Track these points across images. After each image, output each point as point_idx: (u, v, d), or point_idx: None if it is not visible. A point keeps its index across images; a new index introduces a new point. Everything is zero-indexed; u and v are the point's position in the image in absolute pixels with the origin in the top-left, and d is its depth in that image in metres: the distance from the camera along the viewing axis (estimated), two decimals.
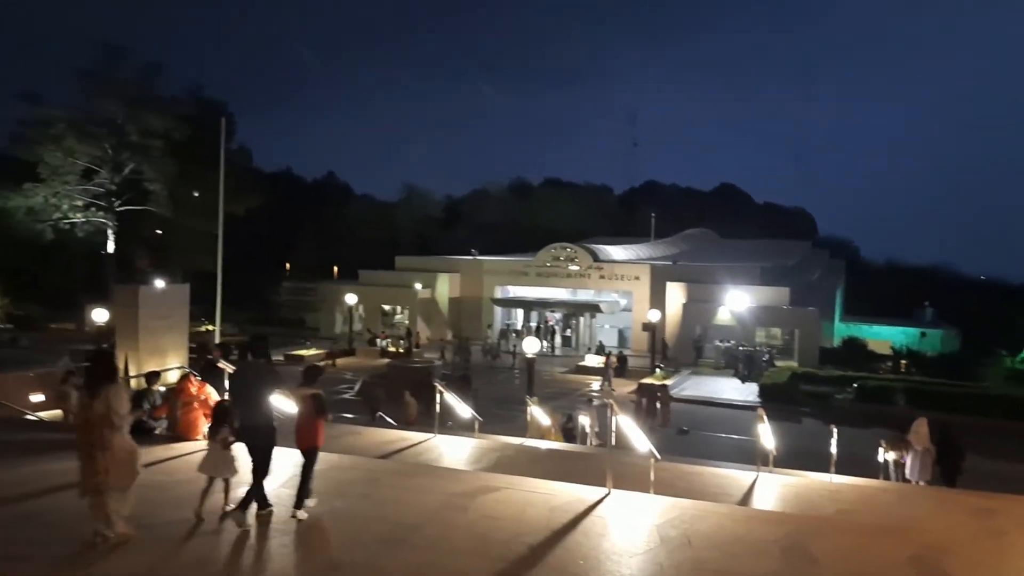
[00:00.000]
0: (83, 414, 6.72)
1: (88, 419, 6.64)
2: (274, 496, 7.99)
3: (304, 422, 7.82)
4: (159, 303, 26.34)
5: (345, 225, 71.02)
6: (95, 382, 6.70)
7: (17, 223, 42.85)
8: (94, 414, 6.59)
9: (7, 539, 6.89)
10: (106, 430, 6.57)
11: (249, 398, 7.59)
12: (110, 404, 6.59)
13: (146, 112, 43.76)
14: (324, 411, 7.88)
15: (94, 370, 6.85)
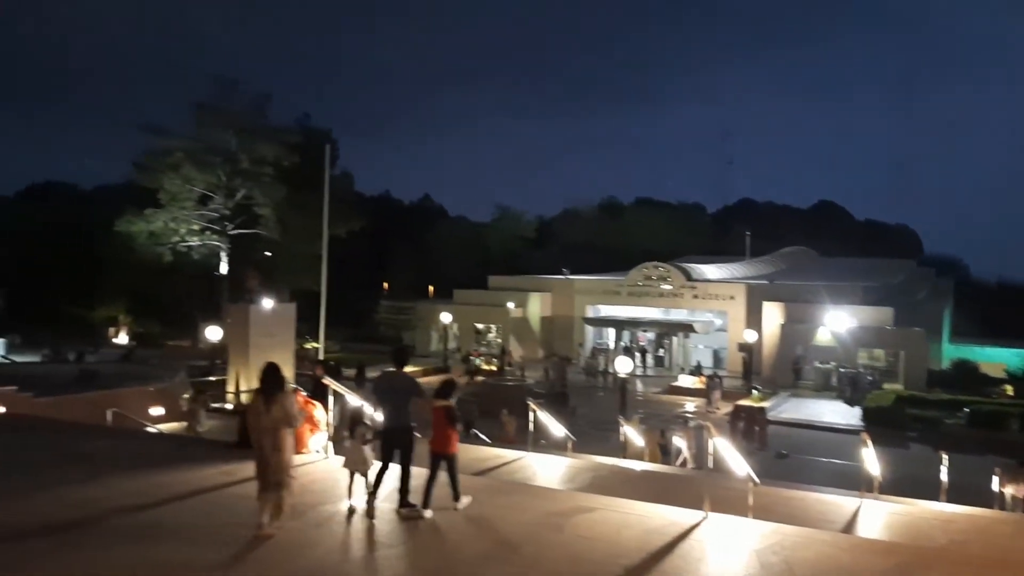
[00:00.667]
0: (259, 419, 7.57)
1: (264, 424, 7.51)
2: (377, 511, 8.40)
3: (438, 431, 8.62)
4: (268, 322, 27.61)
5: (440, 245, 72.59)
6: (270, 391, 7.62)
7: (140, 246, 45.86)
8: (270, 419, 7.52)
9: (148, 544, 7.47)
10: (281, 433, 7.55)
11: (392, 403, 8.53)
12: (285, 410, 7.57)
13: (257, 141, 46.16)
14: (455, 422, 8.75)
15: (268, 381, 7.74)
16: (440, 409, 8.65)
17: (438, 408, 8.66)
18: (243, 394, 25.49)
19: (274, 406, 7.54)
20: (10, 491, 8.98)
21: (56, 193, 78.98)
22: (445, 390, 8.87)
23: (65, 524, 7.71)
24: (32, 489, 9.11)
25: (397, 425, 8.49)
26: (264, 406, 7.58)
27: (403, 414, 8.51)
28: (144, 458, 11.45)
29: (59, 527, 7.60)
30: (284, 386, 7.80)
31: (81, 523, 7.78)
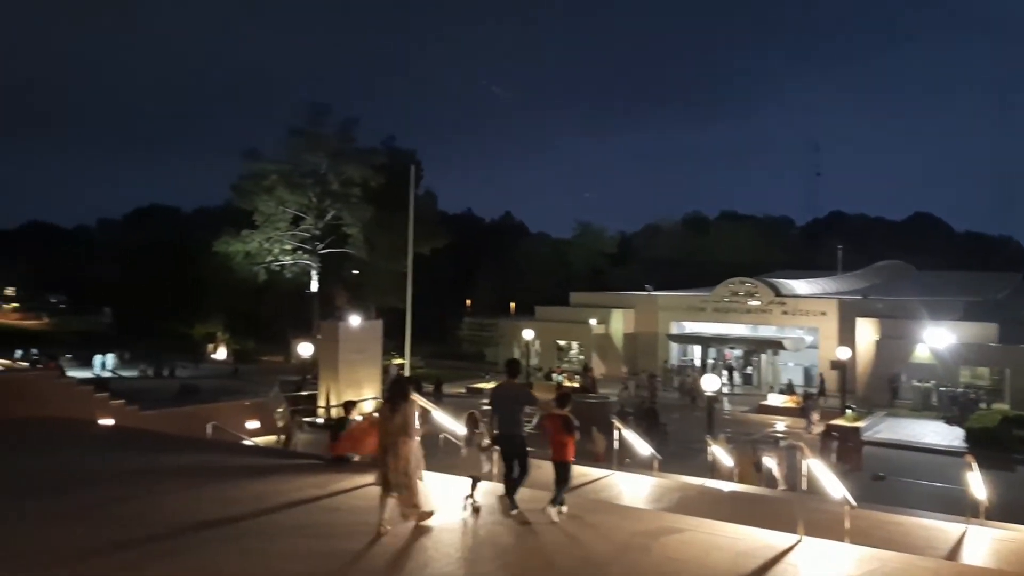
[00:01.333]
0: (384, 425, 8.33)
1: (388, 430, 8.26)
2: (459, 525, 8.53)
3: (556, 439, 9.04)
4: (356, 338, 28.41)
5: (521, 262, 73.00)
6: (395, 400, 8.36)
7: (237, 266, 47.98)
8: (393, 425, 8.21)
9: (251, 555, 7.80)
10: (402, 438, 8.18)
11: (506, 412, 8.97)
12: (407, 418, 8.25)
13: (346, 163, 47.75)
14: (572, 430, 9.11)
15: (394, 391, 8.56)
16: (557, 418, 9.10)
17: (555, 417, 9.11)
18: (333, 408, 26.27)
19: (397, 415, 8.22)
20: (116, 499, 9.50)
21: (160, 216, 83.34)
22: (562, 400, 9.36)
23: (169, 531, 8.11)
24: (136, 498, 9.62)
25: (511, 432, 8.97)
26: (389, 414, 8.31)
27: (517, 422, 8.98)
28: (241, 469, 11.92)
29: (161, 535, 7.99)
30: (408, 396, 8.46)
31: (183, 530, 8.16)
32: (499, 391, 9.40)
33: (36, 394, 15.93)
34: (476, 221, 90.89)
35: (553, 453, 9.14)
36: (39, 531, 8.05)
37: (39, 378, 17.03)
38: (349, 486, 10.28)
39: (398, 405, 8.30)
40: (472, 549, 8.03)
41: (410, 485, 8.21)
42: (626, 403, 31.39)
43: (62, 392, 16.74)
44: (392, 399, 8.44)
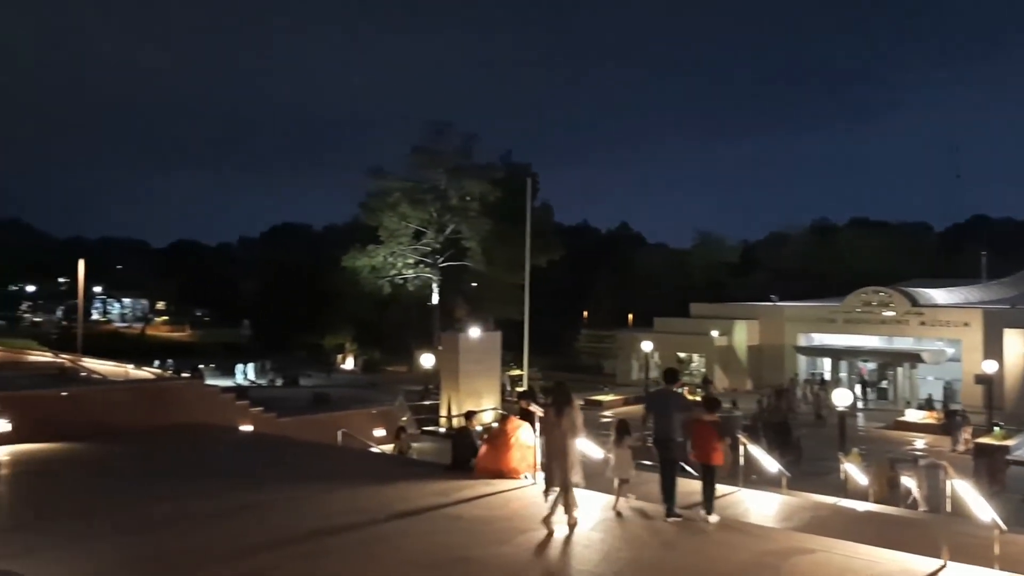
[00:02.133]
0: (550, 429, 8.89)
1: (553, 433, 8.78)
2: (585, 539, 8.54)
3: (704, 443, 9.42)
4: (476, 349, 28.96)
5: (639, 273, 72.15)
6: (559, 405, 8.87)
7: (364, 279, 50.00)
8: (560, 429, 8.70)
9: (377, 560, 8.11)
10: (568, 441, 8.66)
11: (663, 417, 9.43)
12: (572, 421, 8.72)
13: (464, 178, 48.91)
14: (723, 436, 9.71)
15: (557, 396, 9.08)
16: (707, 423, 9.50)
17: (705, 422, 9.49)
18: (455, 418, 26.83)
19: (563, 418, 8.70)
20: (258, 502, 10.09)
21: (293, 233, 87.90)
22: (711, 404, 9.89)
23: (305, 535, 8.54)
24: (276, 501, 10.18)
25: (667, 436, 9.38)
26: (555, 418, 8.79)
27: (672, 426, 9.36)
28: (369, 476, 12.38)
29: (298, 538, 8.43)
30: (571, 401, 9.00)
31: (318, 534, 8.57)
32: (656, 396, 10.08)
33: (184, 402, 17.12)
34: (592, 232, 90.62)
35: (700, 456, 9.50)
36: (196, 531, 8.66)
37: (187, 387, 18.32)
38: (471, 495, 10.49)
39: (563, 409, 8.77)
40: (600, 561, 8.02)
41: (568, 486, 8.63)
42: (741, 418, 30.36)
43: (207, 400, 17.91)
44: (556, 404, 8.93)
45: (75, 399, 15.21)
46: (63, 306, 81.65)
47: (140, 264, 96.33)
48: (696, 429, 9.52)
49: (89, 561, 7.28)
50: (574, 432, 8.74)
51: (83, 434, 13.87)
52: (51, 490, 10.73)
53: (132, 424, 15.01)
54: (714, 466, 9.55)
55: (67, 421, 14.15)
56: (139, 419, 15.32)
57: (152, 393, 17.57)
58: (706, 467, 9.53)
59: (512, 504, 10.15)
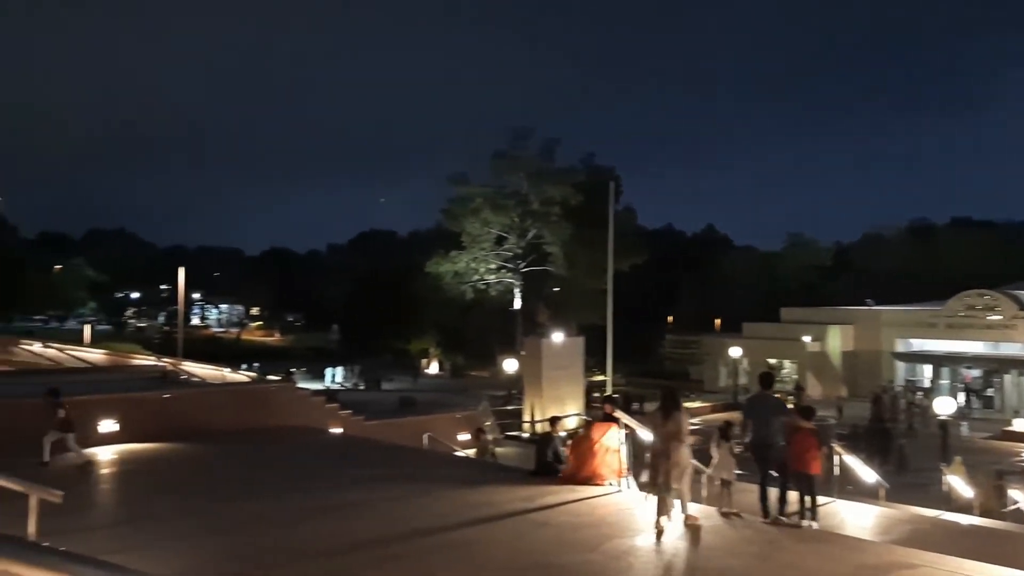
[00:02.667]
0: (658, 431, 9.03)
1: (661, 435, 8.93)
2: (672, 548, 8.39)
3: (802, 451, 9.49)
4: (558, 354, 28.90)
5: (726, 277, 70.56)
6: (667, 408, 9.06)
7: (447, 285, 50.70)
8: (666, 432, 8.88)
9: (461, 562, 8.19)
10: (674, 443, 8.82)
11: (762, 421, 9.56)
12: (678, 425, 8.90)
13: (546, 183, 48.98)
14: (820, 444, 9.82)
15: (666, 400, 9.26)
16: (806, 430, 9.54)
17: (803, 429, 9.52)
18: (538, 423, 26.81)
19: (670, 421, 8.87)
20: (348, 503, 10.32)
21: (379, 240, 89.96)
22: (806, 412, 9.95)
23: (392, 536, 8.68)
24: (364, 503, 10.39)
25: (767, 441, 9.48)
26: (662, 421, 8.96)
27: (772, 431, 9.47)
28: (454, 480, 12.50)
29: (386, 539, 8.57)
30: (680, 405, 9.27)
31: (404, 536, 8.69)
32: (755, 401, 10.23)
33: (277, 404, 17.70)
34: (677, 235, 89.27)
35: (797, 465, 9.48)
36: (289, 530, 8.93)
37: (280, 390, 18.92)
38: (556, 501, 10.45)
39: (670, 413, 8.97)
40: (688, 570, 7.87)
41: (681, 488, 8.83)
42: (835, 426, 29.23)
43: (299, 403, 18.47)
44: (664, 407, 9.12)
45: (176, 401, 15.93)
46: (165, 312, 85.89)
47: (235, 271, 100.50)
48: (795, 437, 9.49)
49: (190, 556, 7.60)
50: (681, 436, 8.85)
51: (183, 434, 14.50)
52: (155, 488, 11.26)
53: (228, 425, 15.60)
54: (812, 475, 9.53)
55: (168, 422, 14.82)
56: (235, 421, 15.92)
57: (247, 396, 18.23)
58: (804, 475, 9.50)
59: (598, 511, 10.07)
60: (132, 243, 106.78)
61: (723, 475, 9.90)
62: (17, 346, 27.98)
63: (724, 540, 8.88)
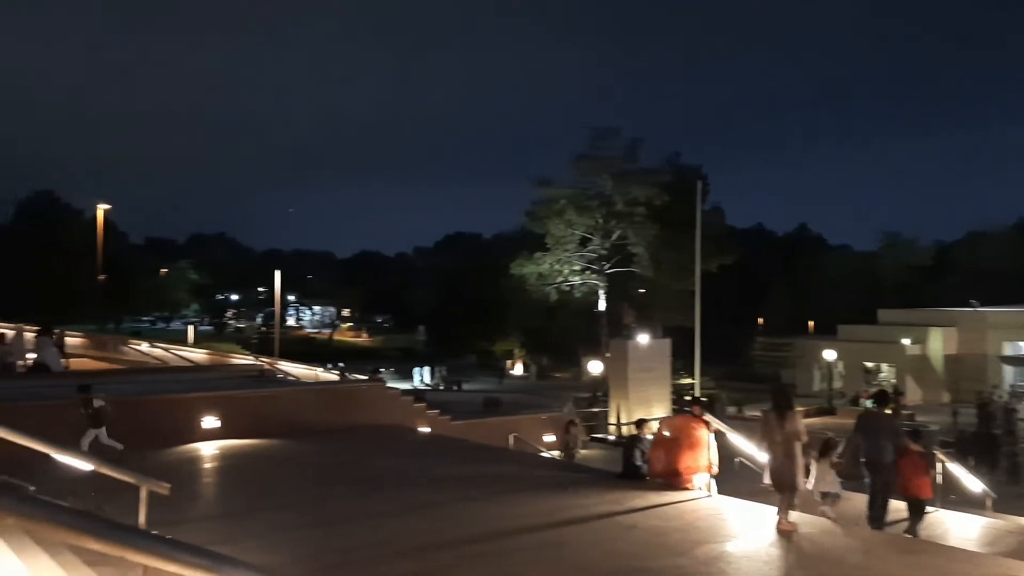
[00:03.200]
0: (771, 433, 9.08)
1: (776, 437, 9.01)
2: (765, 555, 8.18)
3: (912, 475, 9.64)
4: (644, 357, 28.61)
5: (820, 278, 68.29)
6: (781, 409, 9.09)
7: (531, 286, 50.88)
8: (782, 432, 8.92)
9: (549, 563, 8.21)
10: (793, 444, 8.87)
11: (875, 438, 9.74)
12: (795, 425, 8.95)
13: (631, 183, 48.53)
14: (931, 467, 10.04)
15: (780, 400, 9.29)
16: (915, 453, 9.75)
17: (913, 452, 9.74)
18: (624, 426, 26.61)
19: (786, 422, 8.91)
20: (436, 501, 10.49)
21: (464, 242, 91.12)
22: (916, 435, 10.27)
23: (478, 536, 8.78)
24: (451, 501, 10.55)
25: (877, 459, 9.72)
26: (777, 422, 8.99)
27: (882, 449, 9.70)
28: (541, 481, 12.55)
29: (471, 539, 8.67)
30: (793, 405, 9.31)
31: (490, 536, 8.79)
32: (867, 419, 10.35)
33: (368, 403, 18.13)
34: (767, 235, 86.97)
35: (909, 489, 9.67)
36: (381, 526, 9.15)
37: (370, 389, 19.35)
38: (644, 504, 10.35)
39: (784, 413, 9.00)
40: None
41: (795, 489, 8.87)
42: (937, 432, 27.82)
43: (388, 402, 18.85)
44: (778, 407, 9.15)
45: (273, 399, 16.55)
46: (262, 313, 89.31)
47: (327, 274, 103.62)
48: (904, 460, 9.60)
49: (286, 550, 7.89)
50: (797, 436, 8.92)
51: (279, 431, 15.05)
52: (253, 483, 11.73)
53: (321, 423, 16.10)
54: (924, 499, 9.71)
55: (265, 419, 15.40)
56: (328, 419, 16.41)
57: (339, 395, 18.76)
58: (916, 500, 9.67)
59: (687, 515, 9.94)
60: (232, 247, 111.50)
61: (822, 488, 10.03)
62: (127, 346, 29.64)
63: (820, 548, 8.61)
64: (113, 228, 55.71)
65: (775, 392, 9.73)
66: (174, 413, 14.40)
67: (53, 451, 7.35)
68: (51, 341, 20.08)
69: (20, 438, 6.12)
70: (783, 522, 8.80)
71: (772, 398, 9.54)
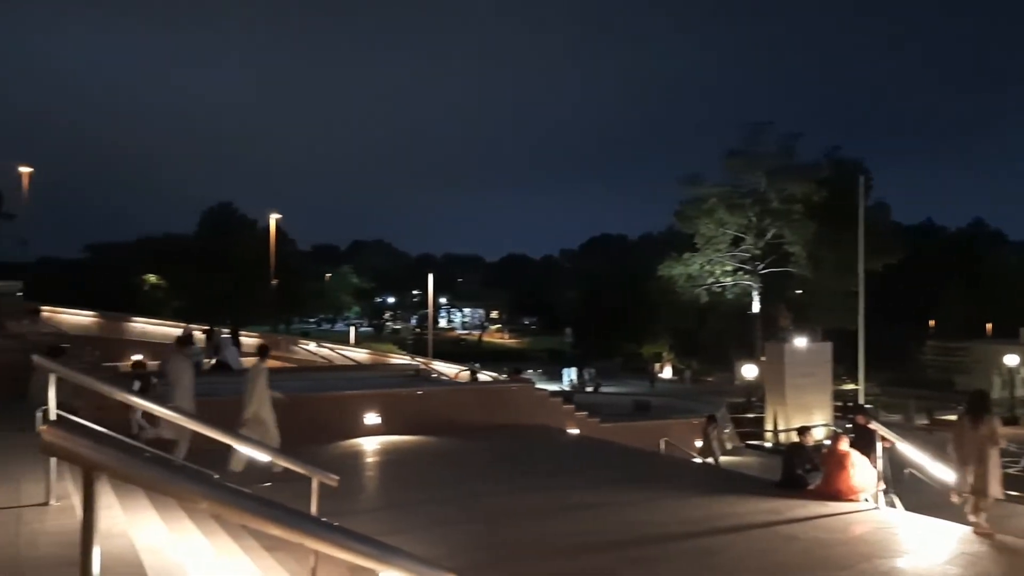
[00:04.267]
0: (963, 436, 9.04)
1: (968, 440, 8.95)
2: (940, 572, 7.59)
3: None
4: (803, 360, 27.32)
5: (998, 276, 62.50)
6: (976, 412, 9.09)
7: (680, 288, 49.84)
8: (976, 436, 8.90)
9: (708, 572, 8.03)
10: (987, 448, 8.81)
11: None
12: (991, 429, 8.90)
13: (786, 180, 46.48)
14: None
15: (975, 404, 9.32)
16: None
17: None
18: (781, 433, 25.55)
19: (981, 425, 8.89)
20: (589, 504, 10.50)
21: (610, 244, 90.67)
22: None
23: (634, 540, 8.70)
24: (607, 504, 10.52)
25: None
26: (971, 424, 8.98)
27: None
28: (695, 486, 12.26)
29: (628, 543, 8.60)
30: (990, 409, 9.37)
31: (647, 541, 8.67)
32: None
33: (517, 404, 18.45)
34: (938, 231, 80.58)
35: None
36: (536, 524, 9.27)
37: (520, 390, 19.66)
38: (805, 515, 9.90)
39: (981, 416, 8.98)
40: None
41: (987, 494, 8.72)
42: None
43: (538, 403, 19.10)
44: (973, 411, 9.14)
45: (428, 398, 17.17)
46: (416, 315, 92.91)
47: (476, 277, 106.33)
48: None
49: (443, 544, 8.16)
50: (993, 440, 8.83)
51: (434, 429, 15.62)
52: (411, 478, 12.23)
53: (474, 422, 16.55)
54: None
55: (421, 417, 16.03)
56: (480, 418, 16.85)
57: (490, 395, 19.19)
58: None
59: (852, 528, 9.42)
60: (388, 252, 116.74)
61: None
62: (297, 345, 31.72)
63: (1001, 566, 7.90)
64: (283, 235, 59.78)
65: (971, 396, 9.70)
66: (340, 409, 15.29)
67: (236, 443, 8.01)
68: (232, 341, 21.85)
69: (207, 430, 6.69)
70: (979, 526, 8.70)
71: (967, 402, 9.54)
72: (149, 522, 5.89)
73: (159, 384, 11.69)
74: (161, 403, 7.82)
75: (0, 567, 4.22)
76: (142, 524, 5.67)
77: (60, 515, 5.28)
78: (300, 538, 3.33)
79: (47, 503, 5.51)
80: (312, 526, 3.44)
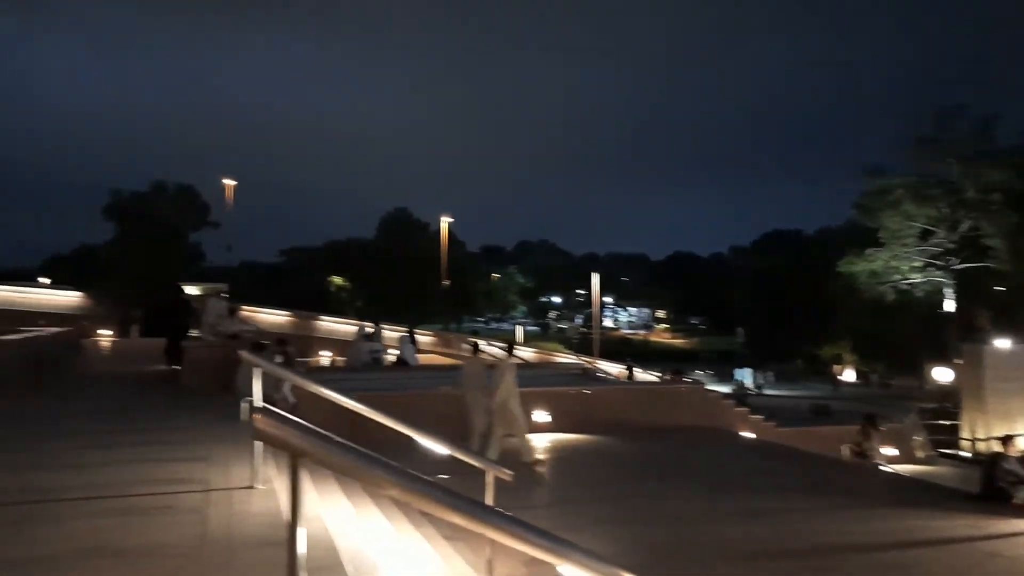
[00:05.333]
0: None
1: None
2: None
3: None
4: (1006, 365, 24.87)
5: None
6: None
7: (862, 285, 46.74)
8: None
9: None
10: None
11: None
12: None
13: (984, 167, 42.41)
14: None
15: None
16: None
17: None
18: (980, 442, 23.40)
19: None
20: (769, 508, 10.14)
21: (783, 240, 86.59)
22: None
23: (813, 549, 8.32)
24: (784, 510, 10.11)
25: None
26: None
27: None
28: (883, 496, 11.57)
29: (807, 551, 8.23)
30: None
31: (832, 549, 8.26)
32: None
33: (687, 405, 18.10)
34: None
35: None
36: (709, 528, 9.08)
37: (690, 391, 19.25)
38: (1008, 530, 9.11)
39: None
40: None
41: None
42: None
43: (709, 404, 18.64)
44: None
45: (594, 397, 17.23)
46: (581, 314, 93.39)
47: (642, 276, 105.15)
48: None
49: (609, 543, 8.15)
50: None
51: (600, 428, 15.65)
52: (581, 475, 12.33)
53: (643, 422, 16.42)
54: None
55: (588, 415, 16.11)
56: (648, 418, 16.69)
57: (658, 395, 18.94)
58: None
59: None
60: (554, 252, 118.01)
61: None
62: (467, 343, 32.83)
63: None
64: (453, 237, 62.06)
65: None
66: None
67: (416, 434, 8.44)
68: (409, 339, 23.01)
69: (392, 422, 7.09)
70: None
71: None
72: (339, 506, 6.35)
73: None
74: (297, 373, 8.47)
75: (217, 541, 4.72)
76: (333, 508, 6.13)
77: (265, 498, 5.77)
78: (482, 528, 3.45)
79: (252, 486, 5.96)
80: (492, 517, 3.57)
